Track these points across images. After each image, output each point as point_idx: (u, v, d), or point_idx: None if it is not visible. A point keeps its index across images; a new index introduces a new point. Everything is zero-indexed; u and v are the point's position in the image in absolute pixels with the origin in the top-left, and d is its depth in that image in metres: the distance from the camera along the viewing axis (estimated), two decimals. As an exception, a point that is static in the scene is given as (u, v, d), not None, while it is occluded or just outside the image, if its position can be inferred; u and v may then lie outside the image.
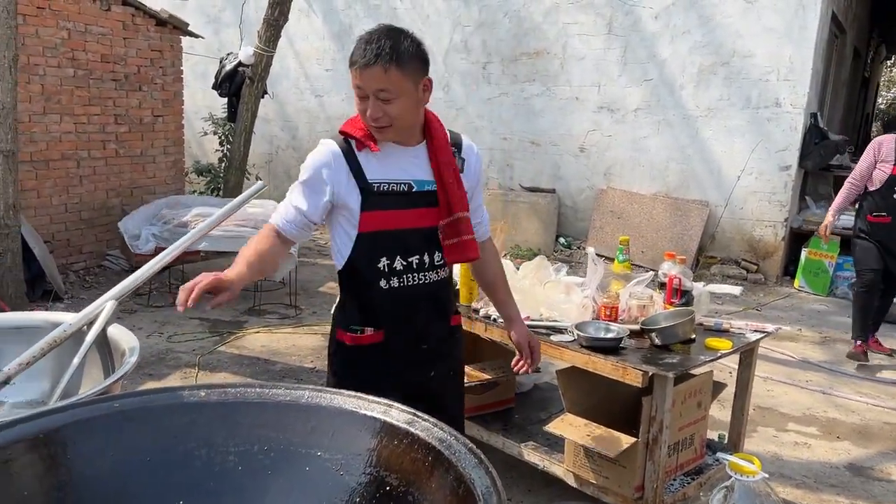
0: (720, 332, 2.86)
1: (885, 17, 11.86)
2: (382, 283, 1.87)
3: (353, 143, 1.84)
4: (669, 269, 2.92)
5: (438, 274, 1.95)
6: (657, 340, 2.65)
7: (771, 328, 2.92)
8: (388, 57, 1.71)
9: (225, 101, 7.74)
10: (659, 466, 2.56)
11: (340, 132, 1.87)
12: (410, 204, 1.86)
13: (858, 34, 10.58)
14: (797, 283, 7.16)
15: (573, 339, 2.69)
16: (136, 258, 5.85)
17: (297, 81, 9.60)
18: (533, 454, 2.95)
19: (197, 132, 8.81)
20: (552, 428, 2.73)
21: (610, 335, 2.64)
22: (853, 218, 7.34)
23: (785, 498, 3.16)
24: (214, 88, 7.35)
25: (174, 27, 6.99)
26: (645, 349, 2.66)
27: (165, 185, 7.08)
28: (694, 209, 7.40)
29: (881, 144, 4.83)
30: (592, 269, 2.91)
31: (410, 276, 1.90)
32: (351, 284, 1.93)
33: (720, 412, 3.81)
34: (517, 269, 3.13)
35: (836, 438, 3.87)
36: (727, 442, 3.12)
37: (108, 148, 6.49)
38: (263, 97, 7.16)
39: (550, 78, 8.04)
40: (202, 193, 7.83)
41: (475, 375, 3.17)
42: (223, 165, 7.78)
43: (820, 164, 7.26)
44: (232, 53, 7.25)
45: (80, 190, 6.29)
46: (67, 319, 1.86)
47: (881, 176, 4.81)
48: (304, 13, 9.21)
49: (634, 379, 2.47)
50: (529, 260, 3.13)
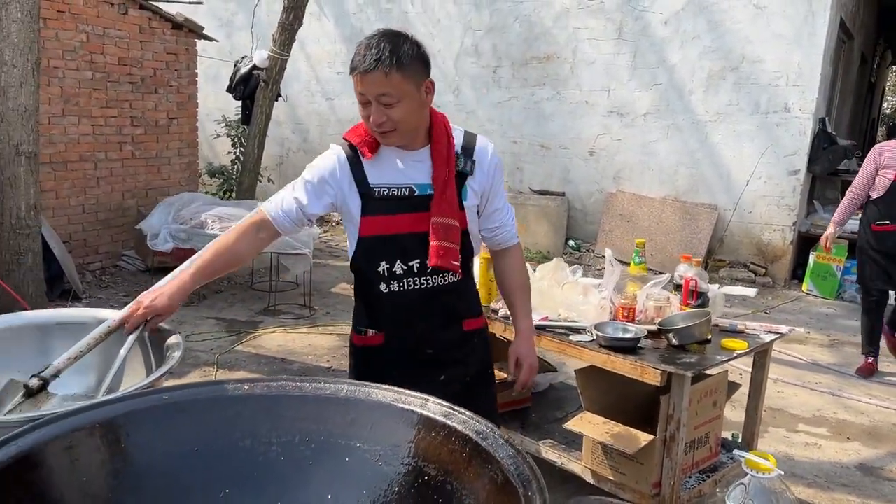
0: (735, 332, 2.92)
1: (891, 23, 11.92)
2: (382, 286, 1.89)
3: (357, 148, 1.87)
4: (685, 271, 2.99)
5: (445, 278, 1.91)
6: (674, 341, 2.71)
7: (785, 329, 2.99)
8: (388, 61, 1.70)
9: (238, 103, 7.83)
10: (676, 464, 2.63)
11: (343, 139, 1.90)
12: (411, 208, 1.85)
13: (865, 40, 10.64)
14: (805, 286, 7.22)
15: (592, 339, 2.76)
16: (155, 256, 5.94)
17: (308, 84, 9.69)
18: (551, 451, 3.02)
19: (209, 135, 8.89)
20: (571, 426, 2.79)
21: (628, 335, 2.70)
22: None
23: (797, 497, 3.22)
24: (229, 91, 7.43)
25: (189, 31, 7.09)
26: (662, 349, 2.72)
27: (179, 186, 7.16)
28: (703, 213, 7.46)
29: (882, 151, 4.74)
30: (610, 270, 2.98)
31: (411, 280, 1.89)
32: (357, 285, 1.97)
33: (732, 413, 3.87)
34: (534, 270, 3.20)
35: (846, 439, 3.93)
36: (741, 441, 3.18)
37: (124, 150, 6.59)
38: (277, 100, 7.25)
39: (560, 82, 8.11)
40: (214, 195, 7.92)
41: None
42: (236, 167, 7.86)
43: (828, 168, 7.32)
44: (247, 57, 7.33)
45: (97, 191, 6.38)
46: (111, 316, 1.93)
47: (884, 183, 4.70)
48: (315, 17, 9.30)
49: (653, 378, 2.54)
50: (539, 262, 3.19)
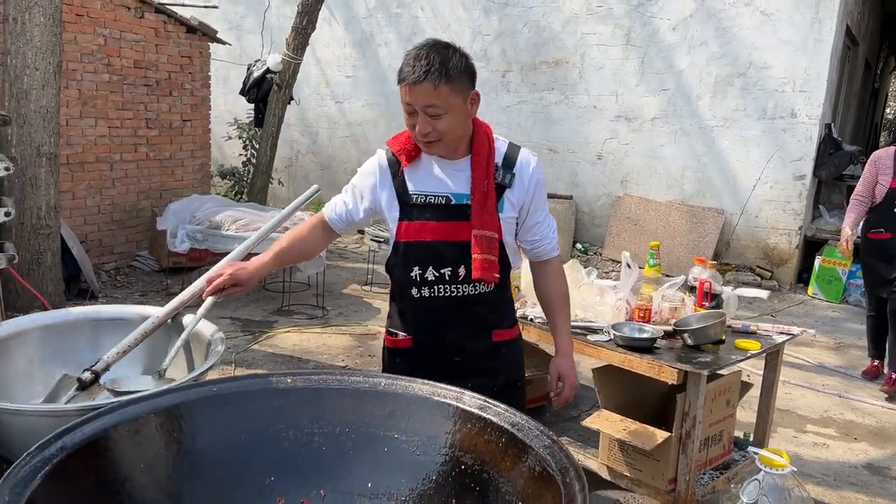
0: (748, 333, 3.00)
1: (895, 29, 12.00)
2: (414, 291, 1.92)
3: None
4: (700, 273, 3.07)
5: (476, 288, 1.91)
6: (689, 341, 2.79)
7: (796, 331, 3.07)
8: (437, 73, 1.72)
9: (249, 106, 7.93)
10: (691, 460, 2.71)
11: (387, 145, 1.95)
12: (447, 216, 1.87)
13: (870, 46, 10.73)
14: (810, 290, 7.29)
15: (609, 338, 2.84)
16: (169, 257, 6.03)
17: (317, 87, 9.78)
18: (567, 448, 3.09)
19: (220, 137, 8.98)
20: (589, 423, 2.87)
21: (645, 335, 2.78)
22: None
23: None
24: (242, 94, 7.53)
25: (203, 34, 7.18)
26: (677, 349, 2.80)
27: (192, 187, 7.25)
28: (709, 217, 7.54)
29: (879, 158, 4.71)
30: (627, 272, 3.06)
31: (441, 287, 1.90)
32: (393, 288, 2.02)
33: (741, 414, 3.93)
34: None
35: (853, 440, 4.00)
36: (753, 440, 3.26)
37: (139, 151, 6.68)
38: (289, 103, 7.34)
39: (569, 87, 8.20)
40: (225, 196, 8.00)
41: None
42: (247, 169, 7.95)
43: (834, 173, 7.40)
44: (260, 60, 7.43)
45: (112, 192, 6.47)
46: (155, 313, 2.02)
47: (881, 190, 4.66)
48: (326, 21, 9.38)
49: (670, 376, 2.62)
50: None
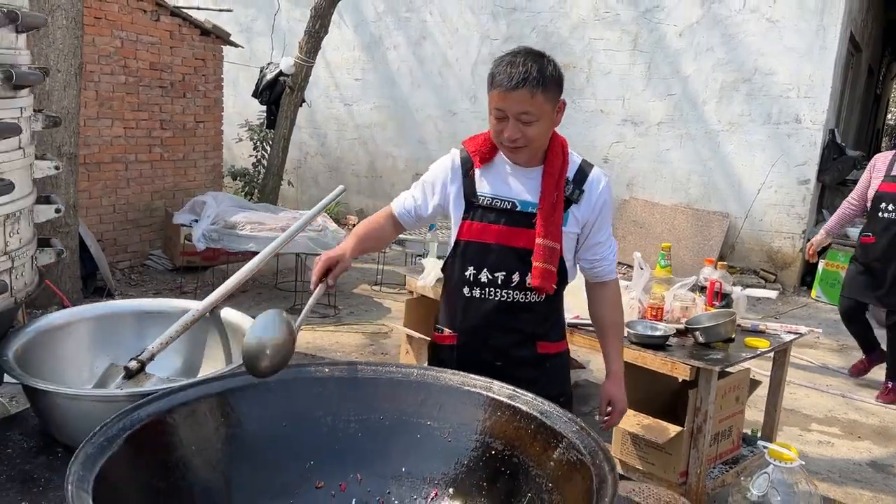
0: (757, 332, 3.10)
1: (898, 36, 12.12)
2: (465, 290, 1.95)
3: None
4: (710, 273, 3.17)
5: (527, 295, 1.92)
6: (701, 339, 2.89)
7: (804, 330, 3.16)
8: (535, 81, 1.75)
9: (260, 108, 8.04)
10: (702, 454, 2.80)
11: (462, 145, 2.00)
12: (510, 222, 1.90)
13: (872, 53, 10.84)
14: (814, 293, 7.38)
15: (623, 336, 2.93)
16: (182, 255, 6.13)
17: (326, 90, 9.88)
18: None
19: (231, 138, 9.09)
20: (603, 417, 2.96)
21: (658, 333, 2.88)
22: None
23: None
24: (255, 96, 7.64)
25: (217, 37, 7.29)
26: (689, 346, 2.90)
27: (204, 188, 7.35)
28: (714, 220, 7.64)
29: (876, 161, 4.68)
30: (639, 272, 3.16)
31: (492, 290, 1.93)
32: (445, 285, 2.07)
33: (748, 412, 4.02)
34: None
35: (857, 438, 4.10)
36: (760, 436, 3.35)
37: (153, 152, 6.78)
38: (301, 106, 7.44)
39: (576, 91, 8.30)
40: (236, 196, 8.11)
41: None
42: (258, 170, 8.06)
43: (838, 178, 7.51)
44: (273, 63, 7.53)
45: (127, 191, 6.57)
46: (195, 306, 2.11)
47: (871, 194, 4.65)
48: (335, 24, 9.47)
49: (682, 372, 2.71)
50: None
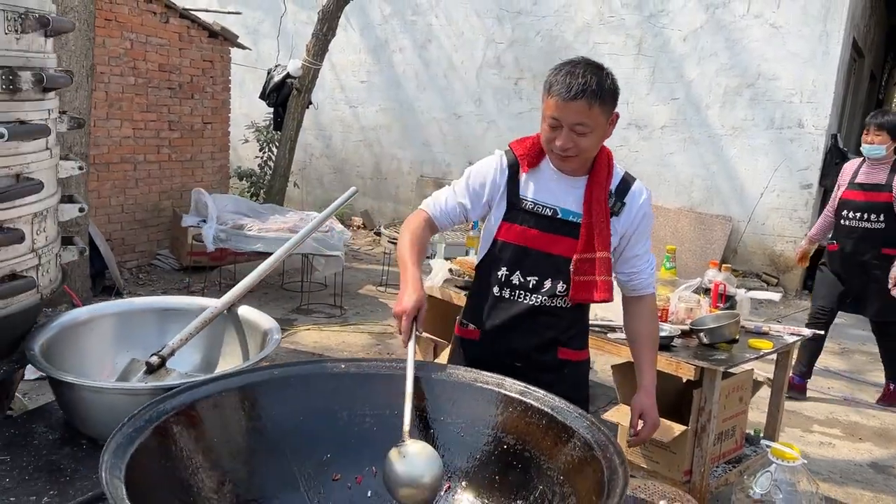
0: (760, 334, 3.15)
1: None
2: (495, 289, 1.97)
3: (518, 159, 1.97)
4: (714, 276, 3.22)
5: (553, 301, 1.94)
6: (705, 339, 2.93)
7: (807, 332, 3.21)
8: (594, 94, 1.76)
9: (266, 109, 8.10)
10: (706, 453, 2.85)
11: (509, 147, 2.00)
12: (550, 228, 1.91)
13: (875, 58, 10.89)
14: (816, 297, 7.42)
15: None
16: (190, 256, 6.19)
17: (332, 92, 9.95)
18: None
19: (237, 139, 9.15)
20: (609, 416, 3.01)
21: (663, 334, 2.92)
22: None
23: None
24: (262, 98, 7.70)
25: (224, 39, 7.36)
26: (693, 347, 2.95)
27: (211, 188, 7.40)
28: (717, 224, 7.69)
29: (844, 169, 4.60)
30: (644, 274, 3.21)
31: (523, 293, 1.94)
32: (476, 282, 2.08)
33: (750, 413, 4.07)
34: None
35: (858, 440, 4.14)
36: (763, 436, 3.40)
37: (161, 152, 6.84)
38: (308, 108, 7.50)
39: (580, 94, 8.34)
40: (241, 196, 8.17)
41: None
42: (265, 171, 8.12)
43: (840, 183, 7.54)
44: (280, 65, 7.60)
45: (135, 192, 6.63)
46: (213, 304, 2.17)
47: (836, 202, 4.58)
48: (341, 27, 9.50)
49: (687, 372, 2.76)
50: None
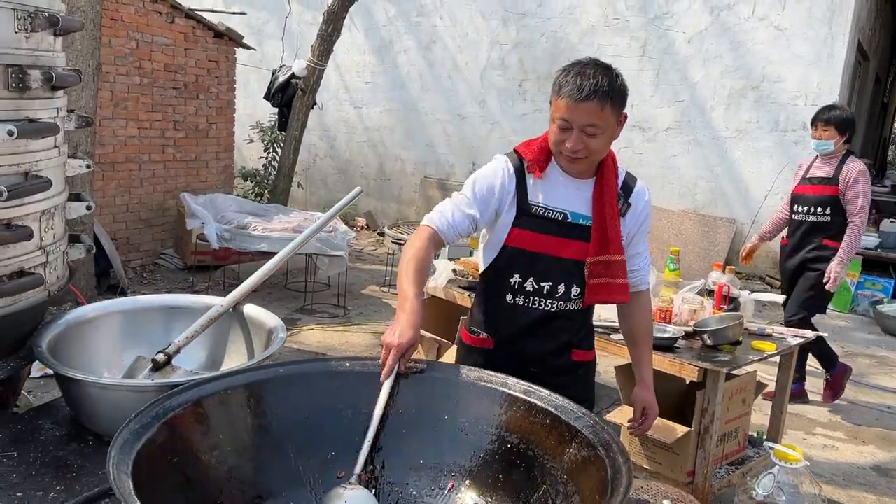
0: (764, 336, 3.15)
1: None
2: (508, 297, 1.94)
3: (525, 163, 1.93)
4: (718, 277, 3.23)
5: (568, 305, 1.94)
6: (709, 341, 2.94)
7: (811, 334, 3.21)
8: (606, 94, 1.75)
9: (271, 110, 8.12)
10: (709, 454, 2.85)
11: (515, 151, 1.97)
12: (561, 233, 1.89)
13: (880, 61, 10.87)
14: (819, 300, 7.41)
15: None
16: (194, 255, 6.21)
17: (336, 93, 9.96)
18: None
19: (242, 139, 9.16)
20: (612, 417, 3.01)
21: (666, 335, 2.93)
22: (876, 237, 7.63)
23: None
24: (267, 98, 7.72)
25: (230, 39, 7.38)
26: (697, 349, 2.95)
27: (216, 188, 7.43)
28: (721, 226, 7.68)
29: (799, 166, 4.68)
30: (647, 275, 3.21)
31: (537, 299, 1.93)
32: (484, 289, 2.04)
33: (752, 415, 4.07)
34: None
35: (861, 442, 4.14)
36: (766, 438, 3.40)
37: (166, 152, 6.86)
38: (312, 108, 7.52)
39: (584, 96, 8.35)
40: (246, 196, 8.19)
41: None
42: (269, 171, 8.14)
43: (844, 186, 7.53)
44: (285, 66, 7.61)
45: (140, 191, 6.66)
46: (219, 302, 2.18)
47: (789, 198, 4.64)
48: (346, 28, 9.51)
49: (690, 374, 2.77)
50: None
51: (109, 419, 1.59)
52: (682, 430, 2.86)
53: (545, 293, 1.92)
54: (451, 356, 3.10)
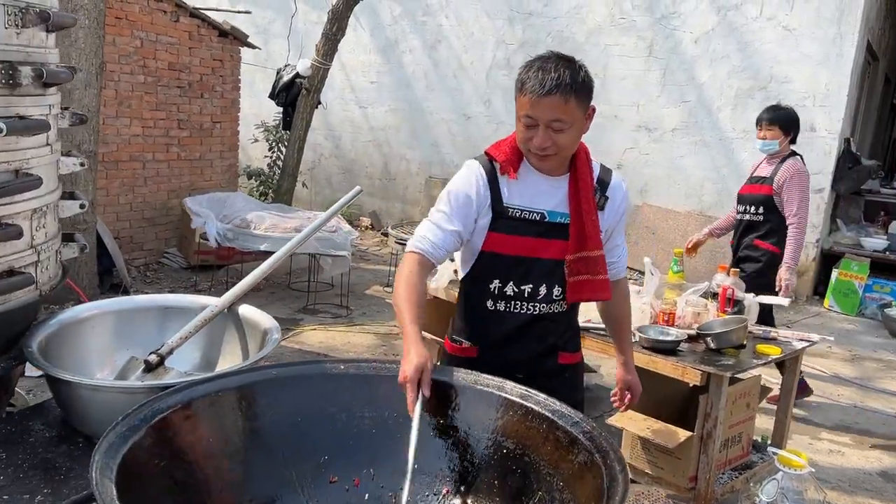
0: (768, 339, 3.11)
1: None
2: (489, 303, 1.91)
3: (496, 165, 1.88)
4: (722, 280, 3.19)
5: (551, 307, 1.91)
6: (712, 344, 2.90)
7: (816, 338, 3.17)
8: (568, 87, 1.71)
9: (276, 109, 8.11)
10: (712, 459, 2.81)
11: (486, 153, 1.92)
12: (539, 233, 1.86)
13: (890, 62, 10.78)
14: (826, 302, 7.35)
15: (635, 340, 2.94)
16: (198, 255, 6.19)
17: (342, 92, 9.95)
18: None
19: (247, 139, 9.16)
20: (613, 421, 2.98)
21: (669, 338, 2.90)
22: (885, 240, 7.57)
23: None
24: (272, 98, 7.71)
25: (235, 38, 7.37)
26: (700, 352, 2.91)
27: (220, 187, 7.42)
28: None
29: (753, 165, 4.67)
30: (650, 277, 3.18)
31: (519, 303, 1.90)
32: (464, 296, 2.01)
33: (757, 419, 4.02)
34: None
35: (868, 448, 4.09)
36: (770, 442, 3.35)
37: (170, 151, 6.86)
38: (317, 108, 7.50)
39: (590, 96, 8.30)
40: (250, 195, 8.18)
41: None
42: (273, 171, 8.13)
43: (853, 188, 7.48)
44: (289, 65, 7.60)
45: (144, 190, 6.65)
46: (214, 302, 2.15)
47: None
48: (351, 27, 9.51)
49: (693, 377, 2.73)
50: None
51: (100, 421, 1.57)
52: (684, 434, 2.82)
53: (526, 296, 1.89)
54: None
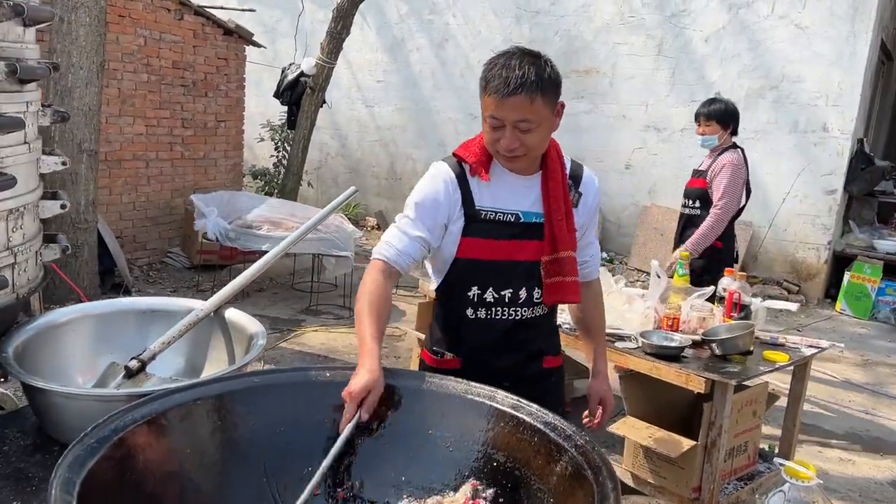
0: (776, 345, 3.02)
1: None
2: (469, 311, 1.83)
3: (466, 167, 1.80)
4: (729, 284, 3.09)
5: (534, 311, 1.85)
6: (718, 351, 2.81)
7: (825, 344, 3.07)
8: (533, 85, 1.63)
9: (282, 108, 8.06)
10: (716, 469, 2.72)
11: (454, 155, 1.83)
12: (514, 235, 1.79)
13: (905, 61, 10.62)
14: (838, 306, 7.23)
15: (637, 346, 2.87)
16: (200, 254, 6.15)
17: (348, 91, 9.90)
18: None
19: (252, 138, 9.12)
20: (615, 429, 2.90)
21: (673, 344, 2.81)
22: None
23: (831, 509, 3.29)
24: (276, 97, 7.66)
25: (239, 37, 7.33)
26: (705, 359, 2.83)
27: (224, 187, 7.37)
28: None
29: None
30: (655, 281, 3.09)
31: (500, 309, 1.82)
32: (441, 306, 1.92)
33: (765, 427, 3.92)
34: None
35: (879, 456, 3.99)
36: (778, 452, 3.26)
37: (174, 150, 6.82)
38: (322, 107, 7.45)
39: (599, 96, 8.22)
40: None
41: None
42: (278, 170, 8.08)
43: (865, 189, 7.35)
44: (294, 64, 7.55)
45: (147, 189, 6.62)
46: (199, 306, 2.09)
47: None
48: (358, 26, 9.47)
49: (697, 385, 2.64)
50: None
51: (75, 429, 1.50)
52: (688, 443, 2.74)
53: (507, 301, 1.82)
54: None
